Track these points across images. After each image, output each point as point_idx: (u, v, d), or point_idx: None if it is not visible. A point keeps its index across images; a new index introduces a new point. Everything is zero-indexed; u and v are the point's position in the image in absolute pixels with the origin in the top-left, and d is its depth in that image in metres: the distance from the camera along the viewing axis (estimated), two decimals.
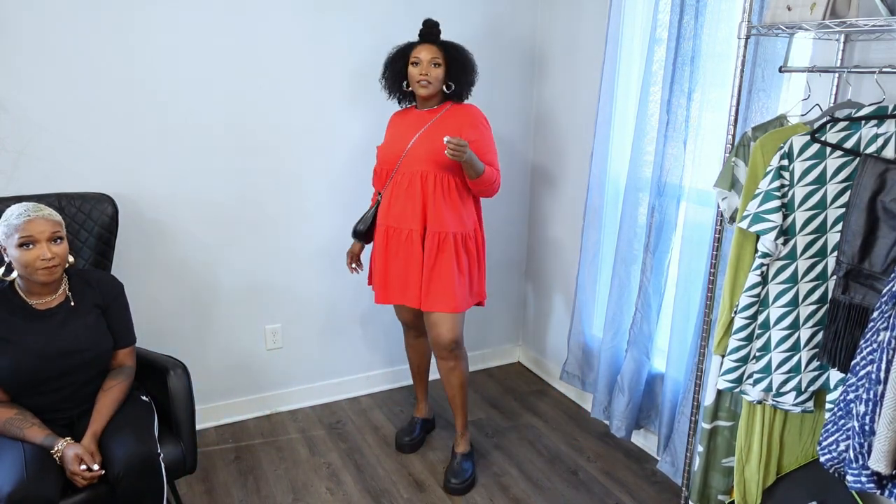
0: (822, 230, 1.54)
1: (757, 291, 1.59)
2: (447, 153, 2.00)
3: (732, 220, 1.76)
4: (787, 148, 1.50)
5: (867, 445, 1.26)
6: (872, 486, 1.29)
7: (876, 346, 1.27)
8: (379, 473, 2.43)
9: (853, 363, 1.34)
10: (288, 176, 2.64)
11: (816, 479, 1.68)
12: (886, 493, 1.28)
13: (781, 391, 1.61)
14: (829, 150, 1.48)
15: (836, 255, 1.49)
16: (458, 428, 2.44)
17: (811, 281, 1.56)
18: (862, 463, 1.28)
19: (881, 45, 1.62)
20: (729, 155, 1.75)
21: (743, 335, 1.62)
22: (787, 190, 1.52)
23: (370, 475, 2.42)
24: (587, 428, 2.76)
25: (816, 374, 1.60)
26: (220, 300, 2.64)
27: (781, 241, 1.54)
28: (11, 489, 1.47)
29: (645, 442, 2.62)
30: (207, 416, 2.68)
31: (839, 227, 1.51)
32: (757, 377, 1.63)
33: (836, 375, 1.53)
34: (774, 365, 1.60)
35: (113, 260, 2.17)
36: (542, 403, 2.98)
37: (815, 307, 1.57)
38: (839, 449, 1.37)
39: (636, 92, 2.40)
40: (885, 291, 1.27)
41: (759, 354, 1.62)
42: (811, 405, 1.62)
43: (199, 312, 2.61)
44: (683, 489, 2.09)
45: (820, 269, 1.56)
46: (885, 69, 1.46)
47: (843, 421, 1.37)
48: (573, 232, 2.85)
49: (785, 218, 1.53)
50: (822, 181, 1.51)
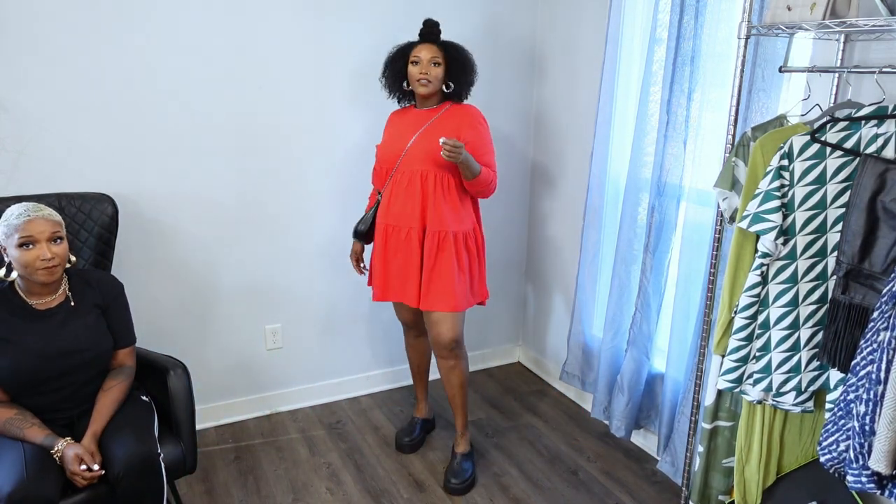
0: (822, 230, 1.54)
1: (757, 291, 1.59)
2: (443, 154, 2.01)
3: (732, 220, 1.76)
4: (787, 148, 1.50)
5: (867, 445, 1.26)
6: (872, 486, 1.29)
7: (876, 346, 1.27)
8: (379, 473, 2.43)
9: (853, 363, 1.34)
10: (288, 176, 2.64)
11: (816, 479, 1.68)
12: (886, 493, 1.28)
13: (781, 391, 1.61)
14: (829, 150, 1.48)
15: (836, 255, 1.49)
16: (457, 428, 2.44)
17: (811, 281, 1.56)
18: (862, 463, 1.28)
19: (881, 45, 1.62)
20: (729, 155, 1.75)
21: (743, 335, 1.62)
22: (787, 190, 1.52)
23: (370, 475, 2.42)
24: (587, 428, 2.76)
25: (816, 374, 1.60)
26: (220, 300, 2.64)
27: (781, 241, 1.54)
28: (11, 489, 1.47)
29: (645, 442, 2.62)
30: (207, 416, 2.68)
31: (839, 227, 1.51)
32: (757, 377, 1.63)
33: (836, 375, 1.53)
34: (774, 365, 1.60)
35: (113, 260, 2.17)
36: (542, 403, 2.98)
37: (815, 307, 1.57)
38: (839, 449, 1.37)
39: (636, 92, 2.40)
40: (885, 291, 1.27)
41: (759, 354, 1.62)
42: (811, 405, 1.62)
43: (199, 312, 2.61)
44: (683, 489, 2.09)
45: (820, 269, 1.56)
46: (885, 69, 1.46)
47: (843, 421, 1.37)
48: (573, 232, 2.85)
49: (785, 218, 1.53)
50: (822, 181, 1.51)
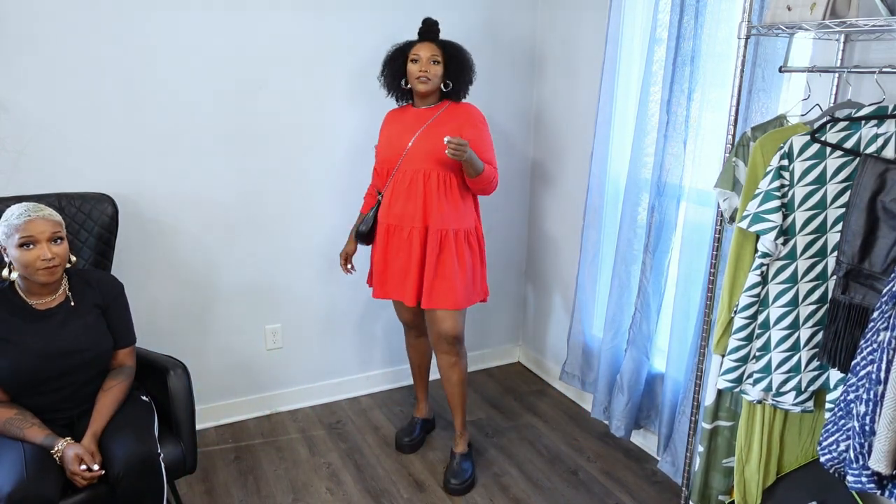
0: (822, 230, 1.54)
1: (757, 291, 1.59)
2: (448, 153, 2.00)
3: (732, 219, 1.76)
4: (787, 148, 1.50)
5: (867, 445, 1.26)
6: (873, 486, 1.29)
7: (876, 346, 1.27)
8: (379, 473, 2.43)
9: (853, 363, 1.34)
10: (288, 176, 2.64)
11: (816, 479, 1.68)
12: (886, 493, 1.28)
13: (781, 391, 1.61)
14: (829, 150, 1.48)
15: (836, 255, 1.49)
16: (456, 427, 2.44)
17: (811, 281, 1.56)
18: (862, 463, 1.28)
19: (881, 45, 1.62)
20: (729, 155, 1.75)
21: (743, 335, 1.62)
22: (787, 190, 1.52)
23: (370, 475, 2.42)
24: (587, 428, 2.76)
25: (816, 373, 1.60)
26: (220, 300, 2.64)
27: (781, 241, 1.54)
28: (11, 489, 1.47)
29: (645, 442, 2.62)
30: (207, 416, 2.68)
31: (839, 227, 1.51)
32: (757, 377, 1.63)
33: (835, 375, 1.53)
34: (774, 365, 1.60)
35: (113, 260, 2.17)
36: (541, 403, 2.98)
37: (815, 307, 1.57)
38: (839, 449, 1.37)
39: (636, 92, 2.40)
40: (885, 291, 1.27)
41: (758, 354, 1.62)
42: (811, 405, 1.62)
43: (199, 312, 2.61)
44: (684, 489, 2.09)
45: (820, 269, 1.56)
46: (885, 69, 1.46)
47: (843, 421, 1.37)
48: (573, 232, 2.85)
49: (785, 218, 1.53)
50: (822, 181, 1.51)
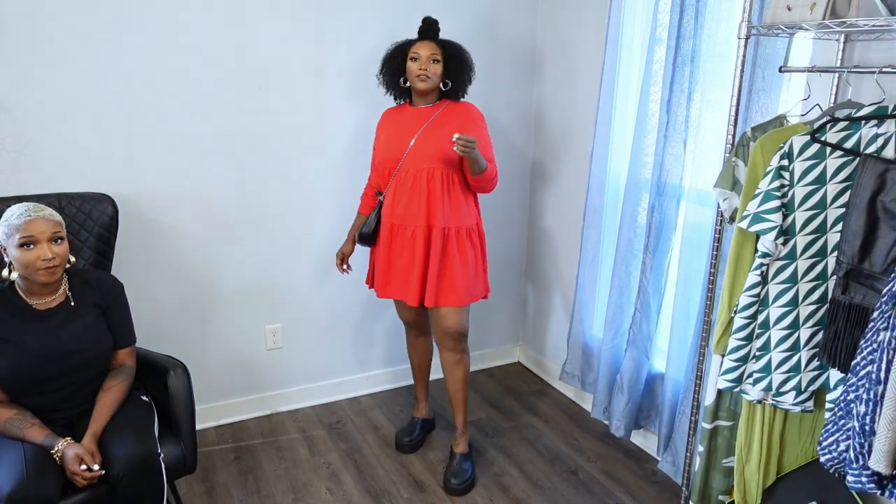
0: (822, 230, 1.54)
1: (757, 291, 1.59)
2: (456, 149, 2.01)
3: (732, 219, 1.76)
4: (786, 148, 1.50)
5: (867, 445, 1.26)
6: (873, 486, 1.29)
7: (876, 346, 1.27)
8: (379, 473, 2.43)
9: (853, 363, 1.33)
10: (288, 175, 2.64)
11: (816, 479, 1.68)
12: (887, 493, 1.28)
13: (781, 391, 1.61)
14: (829, 150, 1.48)
15: (836, 255, 1.49)
16: (457, 426, 2.44)
17: (811, 281, 1.56)
18: (862, 463, 1.28)
19: (881, 45, 1.62)
20: (729, 155, 1.75)
21: (743, 335, 1.62)
22: (786, 190, 1.52)
23: (370, 475, 2.42)
24: (587, 428, 2.76)
25: (816, 373, 1.60)
26: (220, 300, 2.64)
27: (781, 241, 1.54)
28: (11, 489, 1.47)
29: (645, 442, 2.62)
30: (207, 416, 2.68)
31: (839, 227, 1.51)
32: (757, 377, 1.63)
33: (835, 375, 1.53)
34: (774, 364, 1.60)
35: (113, 260, 2.17)
36: (541, 403, 2.98)
37: (815, 307, 1.57)
38: (839, 449, 1.37)
39: (636, 92, 2.40)
40: (885, 291, 1.27)
41: (758, 354, 1.62)
42: (811, 405, 1.62)
43: (199, 312, 2.61)
44: (683, 489, 2.09)
45: (820, 269, 1.56)
46: (885, 69, 1.46)
47: (843, 421, 1.37)
48: (573, 232, 2.85)
49: (785, 218, 1.53)
50: (822, 181, 1.51)
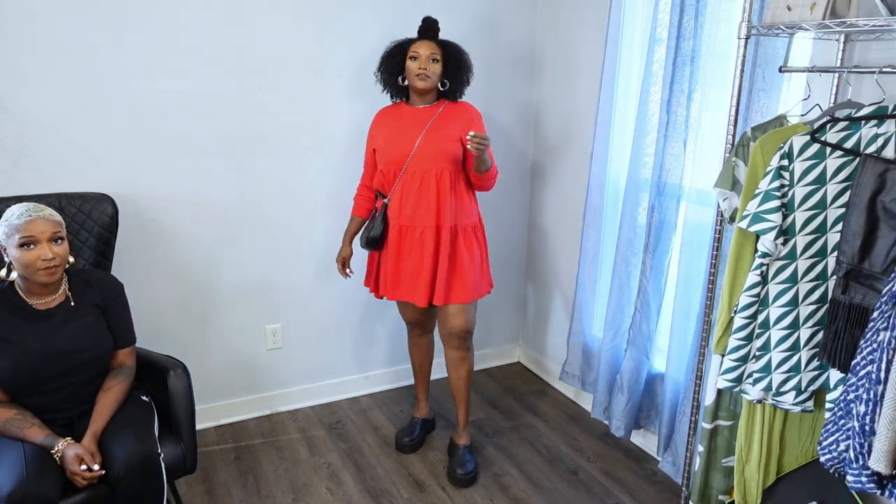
0: (822, 230, 1.54)
1: (757, 291, 1.59)
2: (470, 147, 2.03)
3: (732, 219, 1.76)
4: (786, 148, 1.50)
5: (867, 445, 1.26)
6: (873, 486, 1.29)
7: (876, 346, 1.27)
8: (379, 473, 2.43)
9: (853, 363, 1.34)
10: (288, 176, 2.64)
11: (816, 479, 1.68)
12: (886, 493, 1.28)
13: (781, 390, 1.61)
14: (829, 150, 1.48)
15: (836, 255, 1.49)
16: (460, 421, 2.45)
17: (811, 281, 1.56)
18: (862, 463, 1.28)
19: (881, 45, 1.62)
20: (729, 155, 1.75)
21: (743, 335, 1.62)
22: (786, 190, 1.52)
23: (370, 475, 2.42)
24: (587, 428, 2.76)
25: (816, 373, 1.60)
26: (220, 300, 2.64)
27: (781, 240, 1.54)
28: (11, 489, 1.47)
29: (645, 442, 2.62)
30: (207, 416, 2.68)
31: (839, 227, 1.51)
32: (757, 376, 1.63)
33: (835, 375, 1.53)
34: (774, 364, 1.60)
35: (113, 260, 2.17)
36: (542, 403, 2.98)
37: (814, 307, 1.57)
38: (839, 449, 1.37)
39: (636, 92, 2.40)
40: (885, 291, 1.27)
41: (758, 354, 1.62)
42: (811, 405, 1.62)
43: (199, 312, 2.61)
44: (684, 489, 2.09)
45: (820, 269, 1.56)
46: (885, 69, 1.46)
47: (843, 421, 1.37)
48: (573, 232, 2.85)
49: (785, 218, 1.53)
50: (822, 181, 1.51)
